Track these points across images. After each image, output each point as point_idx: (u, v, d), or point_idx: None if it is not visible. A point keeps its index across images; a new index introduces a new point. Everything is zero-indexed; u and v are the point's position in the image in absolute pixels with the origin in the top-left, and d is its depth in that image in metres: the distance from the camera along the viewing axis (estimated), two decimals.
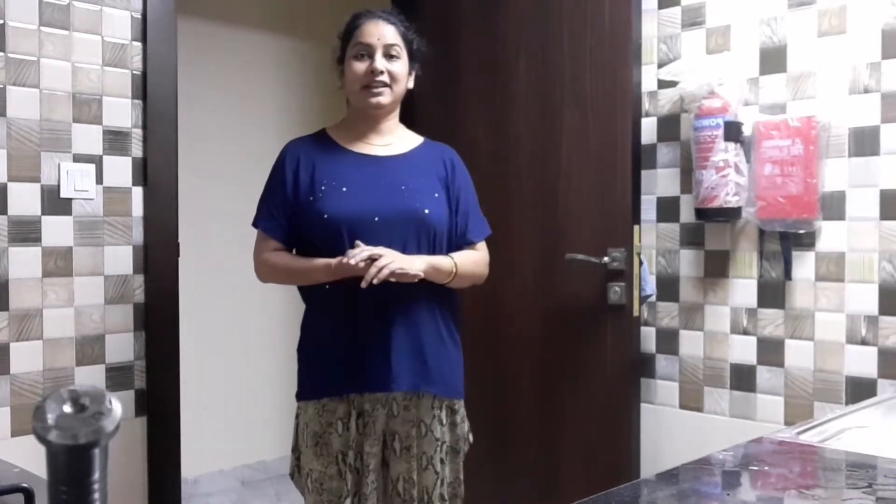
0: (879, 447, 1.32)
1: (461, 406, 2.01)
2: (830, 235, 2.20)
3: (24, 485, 0.95)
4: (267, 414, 3.98)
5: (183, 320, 2.41)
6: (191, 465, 3.30)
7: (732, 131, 2.27)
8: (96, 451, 0.53)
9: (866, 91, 2.15)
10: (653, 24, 2.52)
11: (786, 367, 2.28)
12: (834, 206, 2.20)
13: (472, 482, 2.68)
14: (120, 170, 2.25)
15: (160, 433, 2.31)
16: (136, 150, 2.28)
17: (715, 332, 2.41)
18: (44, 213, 2.13)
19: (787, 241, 2.26)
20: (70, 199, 2.17)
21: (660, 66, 2.49)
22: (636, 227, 2.40)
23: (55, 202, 2.14)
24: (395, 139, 2.01)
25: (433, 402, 1.93)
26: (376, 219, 1.85)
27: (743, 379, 2.35)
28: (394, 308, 1.87)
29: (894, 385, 2.09)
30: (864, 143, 2.15)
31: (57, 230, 2.14)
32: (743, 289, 2.35)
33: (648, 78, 2.52)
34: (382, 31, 1.93)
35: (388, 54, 1.93)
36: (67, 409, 0.54)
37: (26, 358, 2.10)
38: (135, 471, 2.27)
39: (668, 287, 2.50)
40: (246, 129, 3.93)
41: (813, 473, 1.26)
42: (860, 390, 2.14)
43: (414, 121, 2.79)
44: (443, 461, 1.94)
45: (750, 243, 2.34)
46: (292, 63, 4.16)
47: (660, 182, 2.52)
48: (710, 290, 2.42)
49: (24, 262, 2.09)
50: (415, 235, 1.89)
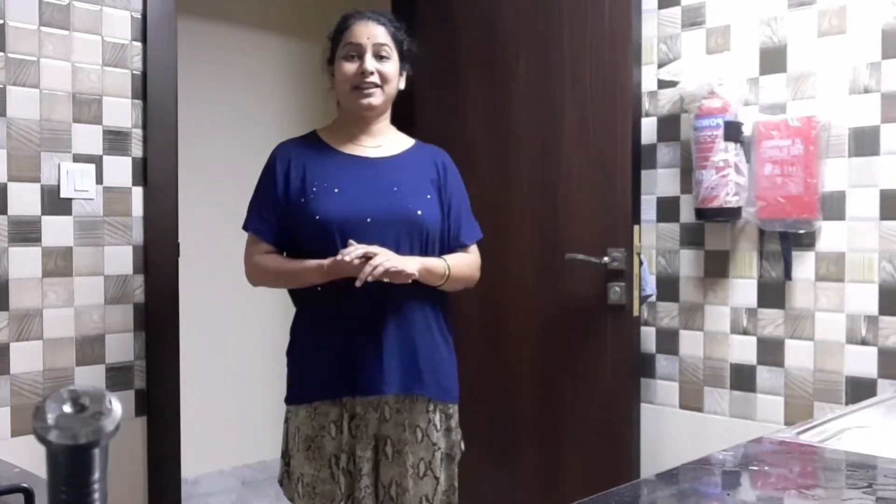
0: (879, 447, 1.32)
1: (455, 411, 1.98)
2: (830, 235, 2.20)
3: (24, 485, 0.95)
4: (267, 414, 3.97)
5: (183, 320, 2.40)
6: (191, 465, 3.30)
7: (732, 131, 2.27)
8: (96, 451, 0.53)
9: (866, 91, 2.15)
10: (653, 24, 2.52)
11: (786, 367, 2.28)
12: (834, 206, 2.20)
13: (472, 482, 2.68)
14: (120, 170, 2.25)
15: (160, 433, 2.31)
16: (136, 150, 2.28)
17: (715, 332, 2.41)
18: (44, 213, 2.13)
19: (787, 241, 2.26)
20: (70, 199, 2.17)
21: (660, 66, 2.49)
22: (636, 227, 2.39)
23: (55, 202, 2.14)
24: (387, 141, 1.99)
25: (427, 406, 1.91)
26: (368, 220, 1.84)
27: (743, 379, 2.35)
28: (385, 310, 1.85)
29: (894, 385, 2.09)
30: (864, 143, 2.15)
31: (57, 230, 2.14)
32: (743, 289, 2.35)
33: (648, 78, 2.52)
34: (372, 32, 1.92)
35: (379, 55, 1.91)
36: (67, 409, 0.54)
37: (26, 358, 2.10)
38: (135, 471, 2.27)
39: (668, 287, 2.50)
40: (246, 129, 3.93)
41: (813, 473, 1.26)
42: (860, 390, 2.14)
43: (413, 121, 2.80)
44: (439, 468, 1.92)
45: (750, 243, 2.34)
46: (292, 63, 4.16)
47: (660, 182, 2.52)
48: (710, 290, 2.42)
49: (24, 262, 2.09)
50: (407, 236, 1.87)
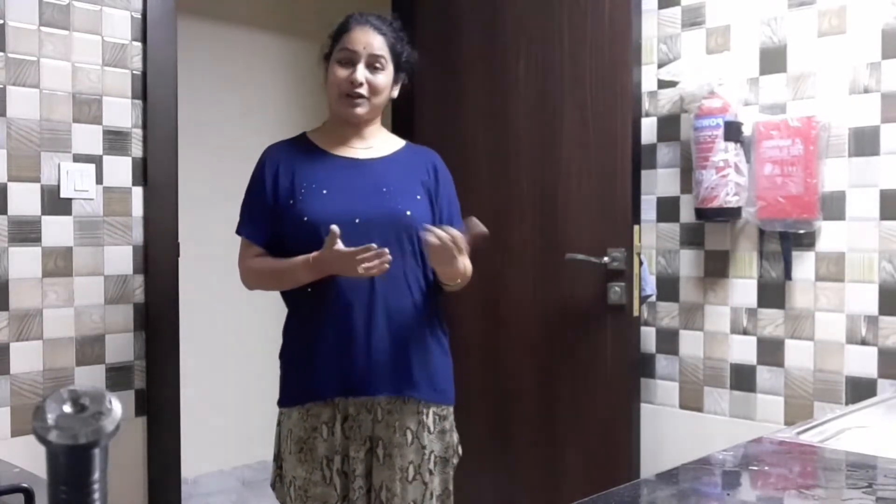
0: (879, 447, 1.32)
1: (450, 413, 1.95)
2: (830, 235, 2.20)
3: (24, 485, 0.95)
4: (267, 414, 3.93)
5: (183, 320, 2.40)
6: (191, 465, 3.30)
7: (732, 131, 2.27)
8: (96, 451, 0.53)
9: (866, 91, 2.15)
10: (653, 24, 2.52)
11: (786, 367, 2.28)
12: (834, 206, 2.20)
13: (472, 482, 2.68)
14: (120, 170, 2.25)
15: (160, 433, 2.31)
16: (136, 150, 2.28)
17: (715, 332, 2.41)
18: (44, 213, 2.13)
19: (787, 241, 2.26)
20: (70, 199, 2.16)
21: (660, 66, 2.49)
22: (636, 227, 2.39)
23: (55, 202, 2.14)
24: (377, 142, 1.98)
25: (418, 408, 1.88)
26: (357, 220, 1.82)
27: (743, 379, 2.35)
28: (378, 311, 1.84)
29: (894, 385, 2.09)
30: (864, 143, 2.15)
31: (57, 230, 2.14)
32: (743, 289, 2.35)
33: (648, 78, 2.52)
34: (370, 41, 1.89)
35: (372, 65, 1.89)
36: (67, 409, 0.54)
37: (26, 358, 2.10)
38: (135, 471, 2.27)
39: (668, 287, 2.50)
40: (246, 129, 3.93)
41: (813, 473, 1.26)
42: (860, 390, 2.14)
43: (413, 121, 2.81)
44: (431, 472, 1.89)
45: (750, 243, 2.34)
46: (292, 63, 4.16)
47: (660, 182, 2.52)
48: (710, 290, 2.42)
49: (24, 262, 2.09)
50: (396, 237, 1.85)
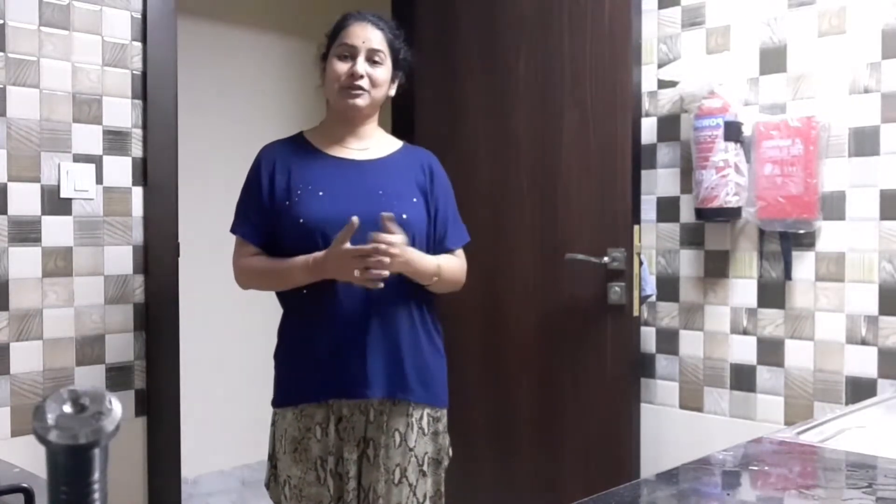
0: (879, 447, 1.32)
1: (444, 415, 1.95)
2: (830, 235, 2.20)
3: (24, 485, 0.95)
4: (267, 414, 3.92)
5: (183, 320, 2.40)
6: (191, 465, 3.30)
7: (732, 131, 2.27)
8: (96, 451, 0.53)
9: (866, 91, 2.15)
10: (653, 24, 2.52)
11: (786, 367, 2.28)
12: (834, 206, 2.20)
13: (472, 482, 2.68)
14: (120, 170, 2.25)
15: (160, 433, 2.31)
16: (136, 150, 2.28)
17: (715, 332, 2.41)
18: (44, 213, 2.12)
19: (787, 241, 2.26)
20: (70, 199, 2.16)
21: (660, 66, 2.49)
22: (636, 227, 2.39)
23: (55, 202, 2.14)
24: (373, 143, 1.98)
25: (409, 409, 1.88)
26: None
27: (743, 379, 2.35)
28: (371, 313, 1.84)
29: (894, 385, 2.09)
30: (864, 143, 2.15)
31: (57, 230, 2.14)
32: (743, 289, 2.35)
33: (648, 78, 2.52)
34: (369, 35, 1.91)
35: (372, 59, 1.90)
36: (67, 409, 0.54)
37: (26, 358, 2.09)
38: (135, 471, 2.27)
39: (668, 287, 2.50)
40: (246, 129, 3.93)
41: (813, 473, 1.26)
42: (860, 390, 2.14)
43: (413, 122, 2.81)
44: (424, 473, 1.89)
45: (750, 243, 2.34)
46: (292, 63, 4.16)
47: (660, 182, 2.52)
48: (710, 290, 2.42)
49: (24, 262, 2.09)
50: None
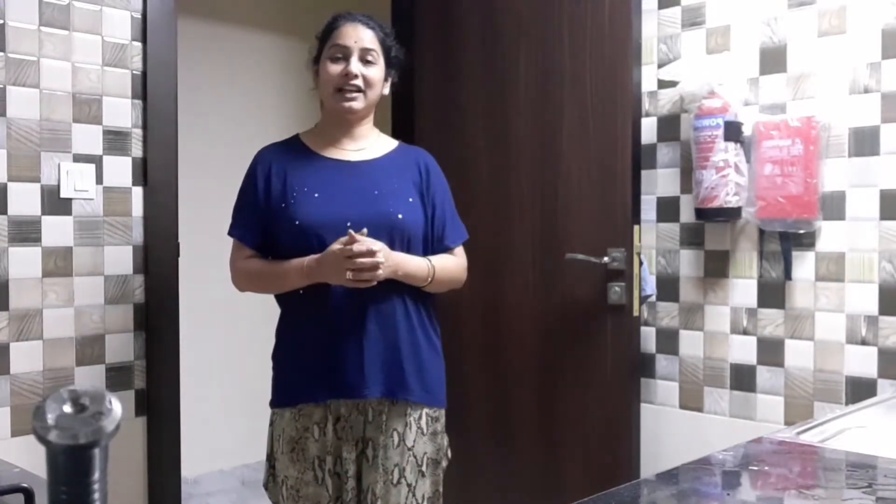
0: (879, 447, 1.32)
1: (442, 415, 1.96)
2: (830, 235, 2.20)
3: (24, 485, 0.95)
4: (267, 414, 3.95)
5: (183, 320, 2.40)
6: (191, 465, 3.30)
7: (732, 131, 2.26)
8: (96, 451, 0.53)
9: (866, 91, 2.15)
10: (653, 24, 2.52)
11: (786, 367, 2.28)
12: (834, 206, 2.20)
13: (472, 482, 2.68)
14: (120, 170, 2.25)
15: (160, 433, 2.31)
16: (136, 150, 2.28)
17: (715, 332, 2.41)
18: (44, 213, 2.12)
19: (787, 241, 2.26)
20: (70, 199, 2.16)
21: (660, 66, 2.49)
22: (636, 227, 2.39)
23: (55, 202, 2.14)
24: (369, 144, 1.98)
25: (408, 409, 1.88)
26: (349, 224, 1.81)
27: (743, 379, 2.35)
28: (369, 313, 1.84)
29: (894, 385, 2.09)
30: (864, 143, 2.15)
31: (57, 230, 2.14)
32: (743, 289, 2.35)
33: (648, 78, 2.52)
34: (360, 35, 1.91)
35: (365, 59, 1.91)
36: (67, 409, 0.53)
37: (26, 358, 2.10)
38: (135, 471, 2.27)
39: (668, 287, 2.50)
40: (246, 129, 3.93)
41: (813, 473, 1.26)
42: (860, 390, 2.14)
43: (413, 121, 2.81)
44: (423, 473, 1.89)
45: (750, 243, 2.34)
46: (292, 63, 4.16)
47: (660, 182, 2.52)
48: (710, 290, 2.42)
49: (24, 262, 2.09)
50: (388, 240, 1.84)
